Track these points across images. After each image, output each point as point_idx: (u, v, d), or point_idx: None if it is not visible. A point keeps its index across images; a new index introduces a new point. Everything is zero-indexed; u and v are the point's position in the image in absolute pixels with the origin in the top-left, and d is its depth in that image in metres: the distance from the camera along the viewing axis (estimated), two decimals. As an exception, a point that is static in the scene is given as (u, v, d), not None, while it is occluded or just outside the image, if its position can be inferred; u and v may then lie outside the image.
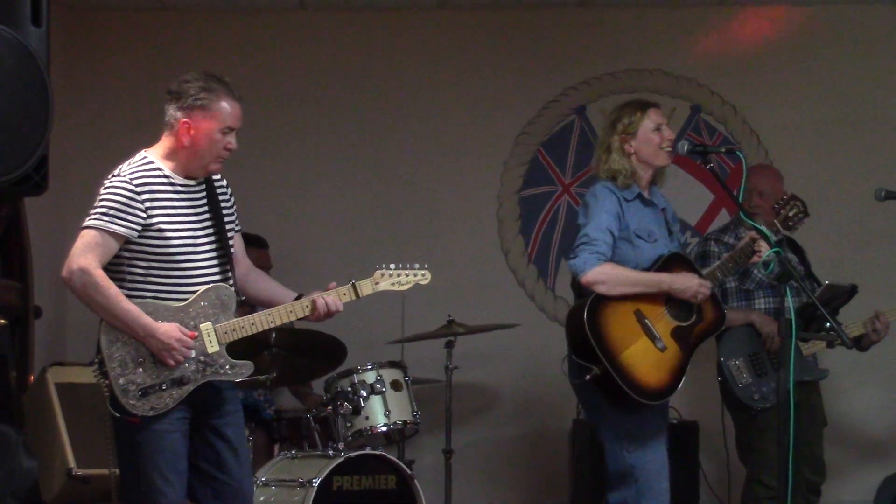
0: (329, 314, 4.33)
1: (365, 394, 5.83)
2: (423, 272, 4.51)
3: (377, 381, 5.87)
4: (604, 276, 4.70)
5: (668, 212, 5.03)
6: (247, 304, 4.58)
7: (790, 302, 4.49)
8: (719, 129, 7.26)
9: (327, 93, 7.42)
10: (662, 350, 4.73)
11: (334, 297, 4.33)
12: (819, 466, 5.87)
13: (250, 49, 7.38)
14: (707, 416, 6.54)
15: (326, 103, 7.41)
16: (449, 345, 6.39)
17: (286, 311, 4.31)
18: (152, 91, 7.24)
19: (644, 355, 4.69)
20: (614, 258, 4.77)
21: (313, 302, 4.31)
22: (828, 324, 4.98)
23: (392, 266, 4.46)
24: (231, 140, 4.25)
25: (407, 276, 4.48)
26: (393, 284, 4.46)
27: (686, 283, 4.75)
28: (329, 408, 5.78)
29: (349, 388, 5.83)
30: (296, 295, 4.37)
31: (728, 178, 6.83)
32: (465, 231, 7.31)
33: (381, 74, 7.41)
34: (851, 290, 5.74)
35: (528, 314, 7.17)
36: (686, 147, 4.79)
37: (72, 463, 5.77)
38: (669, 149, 4.88)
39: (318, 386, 6.35)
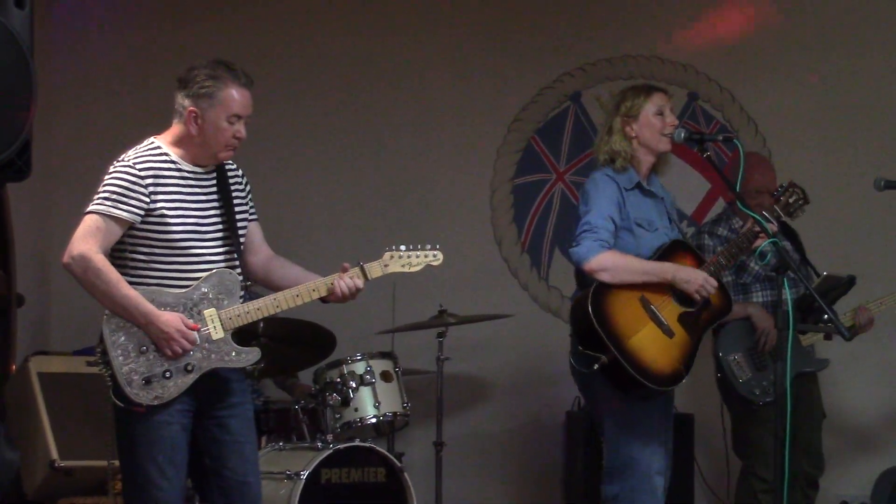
0: (352, 295, 4.21)
1: (354, 385, 5.80)
2: (434, 252, 4.40)
3: (367, 371, 5.83)
4: (607, 263, 4.64)
5: (668, 201, 4.99)
6: (252, 291, 4.47)
7: (788, 293, 4.46)
8: (716, 117, 7.18)
9: (317, 78, 7.33)
10: (670, 336, 4.66)
11: (350, 277, 4.21)
12: (817, 460, 5.85)
13: (238, 31, 7.28)
14: (701, 409, 6.48)
15: (316, 89, 7.32)
16: (440, 335, 6.32)
17: (294, 295, 4.22)
18: (137, 76, 7.26)
19: (652, 341, 4.63)
20: (615, 248, 4.71)
21: (330, 285, 4.19)
22: (825, 315, 4.92)
23: (402, 247, 4.35)
24: (240, 128, 4.19)
25: (418, 257, 4.38)
26: (403, 266, 4.35)
27: (691, 275, 4.69)
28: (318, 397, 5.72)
29: (338, 379, 5.80)
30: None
31: (725, 167, 6.75)
32: (457, 219, 7.23)
33: (372, 60, 7.32)
34: (850, 282, 5.70)
35: (522, 304, 7.11)
36: (682, 135, 4.78)
37: (54, 454, 5.75)
38: (670, 134, 4.84)
39: (306, 377, 6.26)
